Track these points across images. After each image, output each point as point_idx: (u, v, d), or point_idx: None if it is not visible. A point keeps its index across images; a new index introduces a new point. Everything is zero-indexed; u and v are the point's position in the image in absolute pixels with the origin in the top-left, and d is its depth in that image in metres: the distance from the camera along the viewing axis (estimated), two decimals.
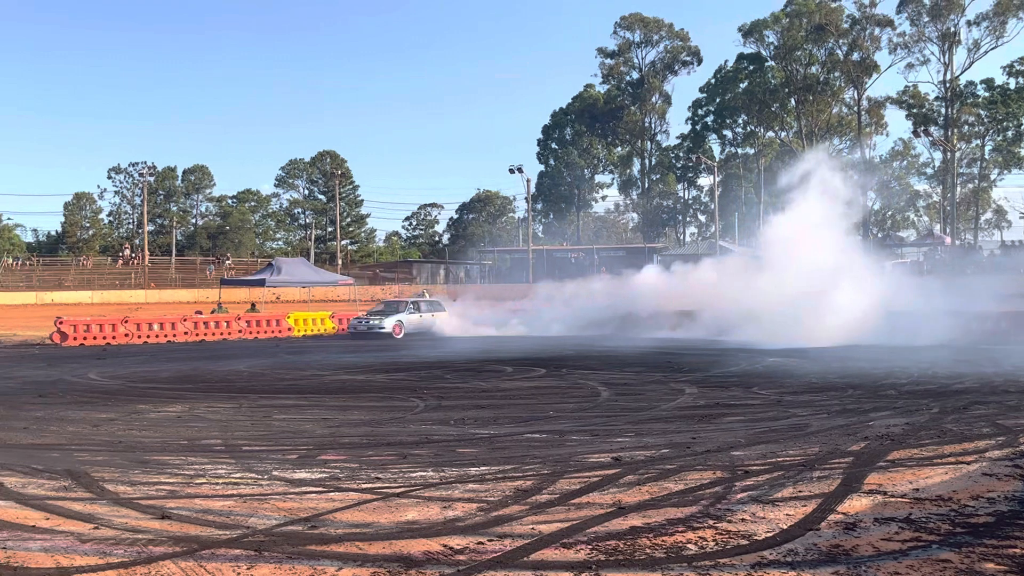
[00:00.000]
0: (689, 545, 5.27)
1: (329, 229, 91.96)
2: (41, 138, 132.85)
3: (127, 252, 74.48)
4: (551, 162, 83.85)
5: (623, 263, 52.40)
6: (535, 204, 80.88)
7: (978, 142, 70.45)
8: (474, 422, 10.52)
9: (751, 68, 74.42)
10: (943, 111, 67.79)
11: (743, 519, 5.85)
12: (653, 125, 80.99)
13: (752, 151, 77.72)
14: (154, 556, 5.15)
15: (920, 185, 76.45)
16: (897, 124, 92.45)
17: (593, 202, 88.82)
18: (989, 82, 67.48)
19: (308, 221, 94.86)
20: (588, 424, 10.31)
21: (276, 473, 7.64)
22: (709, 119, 78.60)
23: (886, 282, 26.12)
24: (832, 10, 68.99)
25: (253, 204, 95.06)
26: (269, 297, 44.31)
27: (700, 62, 78.34)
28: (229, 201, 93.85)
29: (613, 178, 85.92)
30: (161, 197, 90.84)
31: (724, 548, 5.20)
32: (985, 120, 67.95)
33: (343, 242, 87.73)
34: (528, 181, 65.01)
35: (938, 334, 21.36)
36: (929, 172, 74.68)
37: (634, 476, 7.21)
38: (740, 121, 77.67)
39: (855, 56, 69.15)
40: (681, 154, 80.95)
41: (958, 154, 67.80)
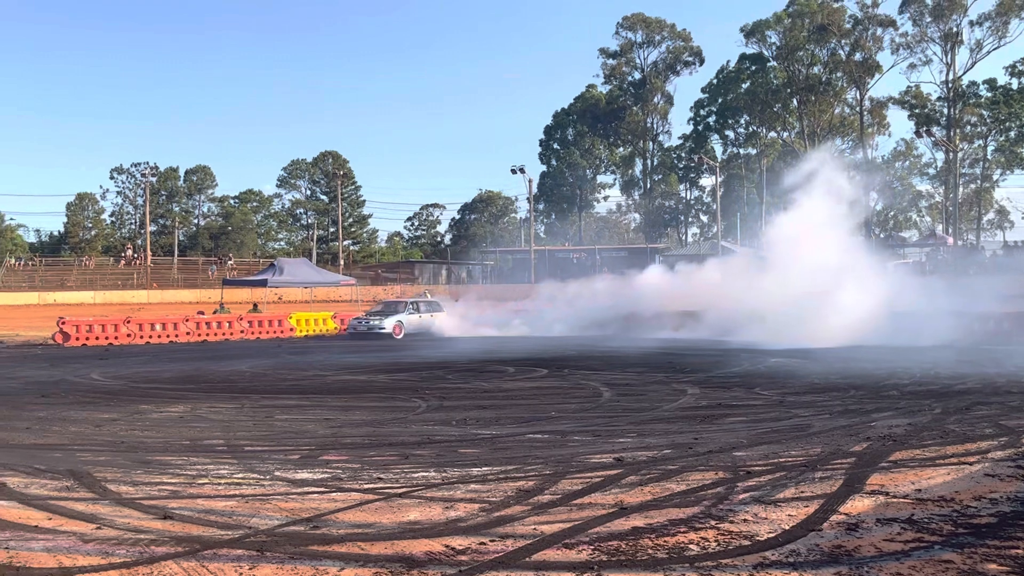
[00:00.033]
0: (691, 546, 5.27)
1: (331, 229, 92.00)
2: (44, 138, 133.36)
3: (129, 252, 74.57)
4: (553, 162, 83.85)
5: (625, 263, 52.43)
6: (537, 204, 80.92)
7: (980, 142, 70.41)
8: (476, 422, 10.52)
9: (753, 68, 74.39)
10: (945, 111, 67.70)
11: (745, 520, 5.85)
12: (655, 125, 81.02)
13: (754, 151, 77.70)
14: (156, 556, 5.16)
15: (922, 185, 76.59)
16: (899, 124, 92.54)
17: (595, 202, 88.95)
18: (991, 82, 67.42)
19: (310, 221, 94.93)
20: (590, 425, 10.31)
21: (278, 473, 7.65)
22: (711, 119, 78.57)
23: (889, 282, 26.05)
24: (834, 10, 68.94)
25: (255, 204, 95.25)
26: (271, 297, 44.33)
27: (702, 62, 78.43)
28: (231, 201, 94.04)
29: (615, 178, 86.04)
30: (163, 197, 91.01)
31: (726, 548, 5.20)
32: (987, 120, 67.89)
33: (345, 242, 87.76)
34: (530, 181, 65.10)
35: (941, 335, 21.32)
36: (931, 172, 74.80)
37: (636, 476, 7.21)
38: (742, 121, 77.63)
39: (857, 56, 69.09)
40: (683, 154, 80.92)
41: (960, 154, 67.73)
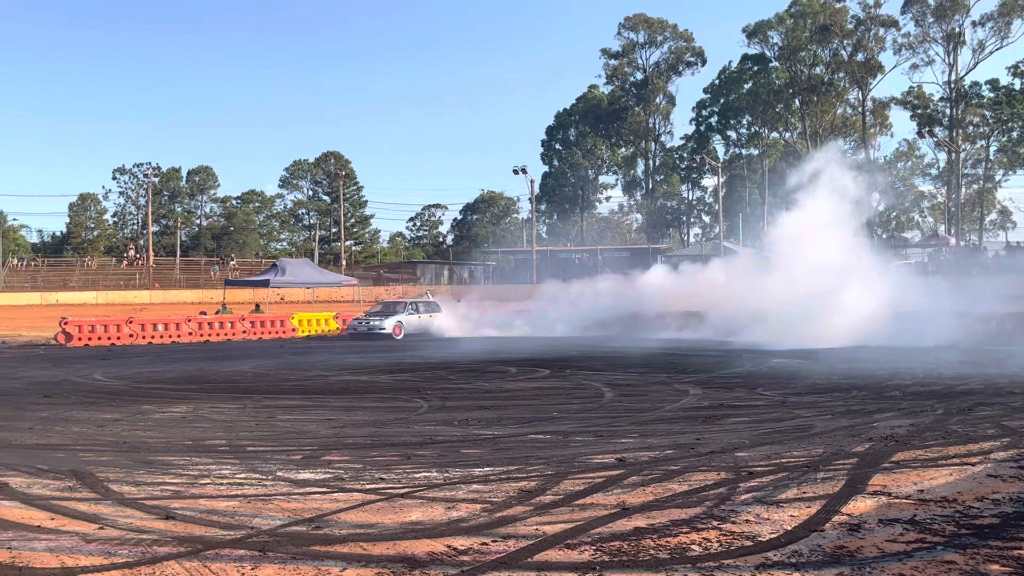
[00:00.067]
0: (693, 546, 5.27)
1: (333, 230, 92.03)
2: (46, 139, 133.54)
3: (132, 253, 74.63)
4: (555, 163, 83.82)
5: (627, 264, 52.38)
6: (539, 205, 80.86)
7: (983, 143, 70.25)
8: (478, 423, 10.52)
9: (755, 69, 74.33)
10: (948, 112, 67.58)
11: (747, 520, 5.84)
12: (657, 126, 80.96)
13: (756, 152, 77.60)
14: (159, 556, 5.16)
15: (925, 186, 76.42)
16: (902, 125, 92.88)
17: (597, 203, 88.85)
18: (994, 83, 67.22)
19: (312, 222, 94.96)
20: (592, 425, 10.31)
21: (280, 474, 7.65)
22: (713, 120, 78.52)
23: (892, 283, 25.99)
24: (836, 11, 68.86)
25: (257, 205, 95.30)
26: (273, 298, 44.34)
27: (704, 63, 78.33)
28: (233, 202, 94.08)
29: (617, 179, 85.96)
30: (166, 198, 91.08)
31: (728, 549, 5.20)
32: (990, 121, 67.73)
33: (347, 243, 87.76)
34: (532, 182, 65.06)
35: (944, 335, 21.30)
36: (934, 173, 74.66)
37: (638, 477, 7.21)
38: (744, 122, 77.56)
39: (859, 57, 68.99)
40: (685, 155, 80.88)
41: (963, 155, 67.63)
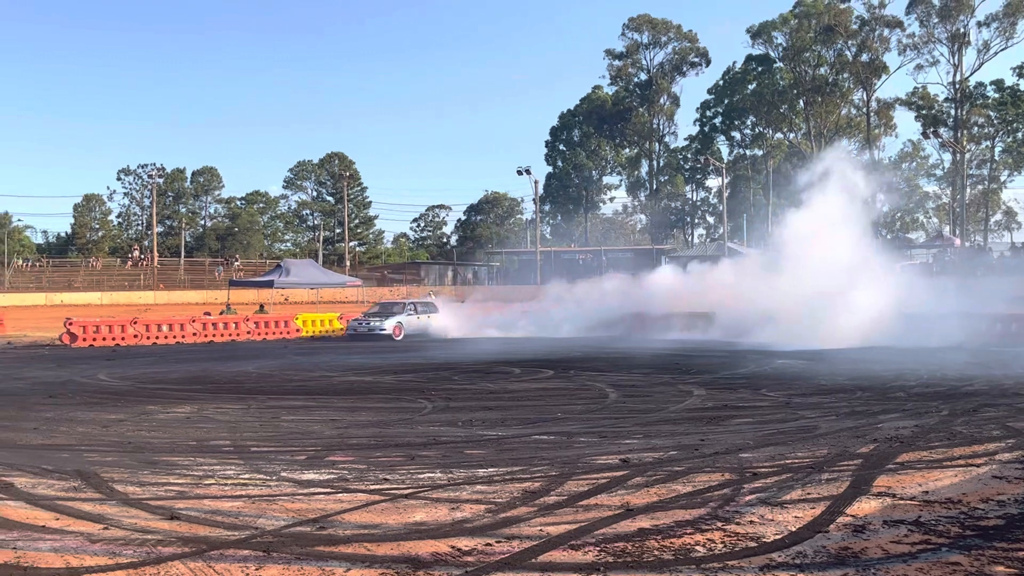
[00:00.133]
0: (697, 547, 5.26)
1: (337, 231, 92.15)
2: (51, 140, 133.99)
3: (136, 253, 74.78)
4: (559, 164, 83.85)
5: (631, 265, 52.36)
6: (543, 206, 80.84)
7: (988, 143, 70.11)
8: (482, 423, 10.52)
9: (759, 69, 74.28)
10: (952, 112, 67.48)
11: (752, 521, 5.83)
12: (661, 126, 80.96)
13: (760, 152, 77.59)
14: (163, 557, 5.17)
15: (929, 186, 76.23)
16: (906, 125, 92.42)
17: (601, 204, 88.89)
18: (999, 83, 67.06)
19: (316, 223, 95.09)
20: (596, 426, 10.30)
21: (284, 474, 7.66)
22: (717, 120, 78.50)
23: (899, 283, 25.92)
24: (841, 11, 68.80)
25: (262, 206, 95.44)
26: (277, 298, 44.40)
27: (708, 63, 78.34)
28: (238, 203, 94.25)
29: (621, 180, 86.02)
30: (170, 199, 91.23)
31: (732, 550, 5.19)
32: (995, 121, 67.58)
33: (351, 243, 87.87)
34: (536, 183, 64.99)
35: (949, 336, 21.26)
36: (938, 173, 74.43)
37: (642, 478, 7.20)
38: (748, 122, 77.53)
39: (864, 57, 68.91)
40: (689, 155, 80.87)
41: (968, 155, 67.51)
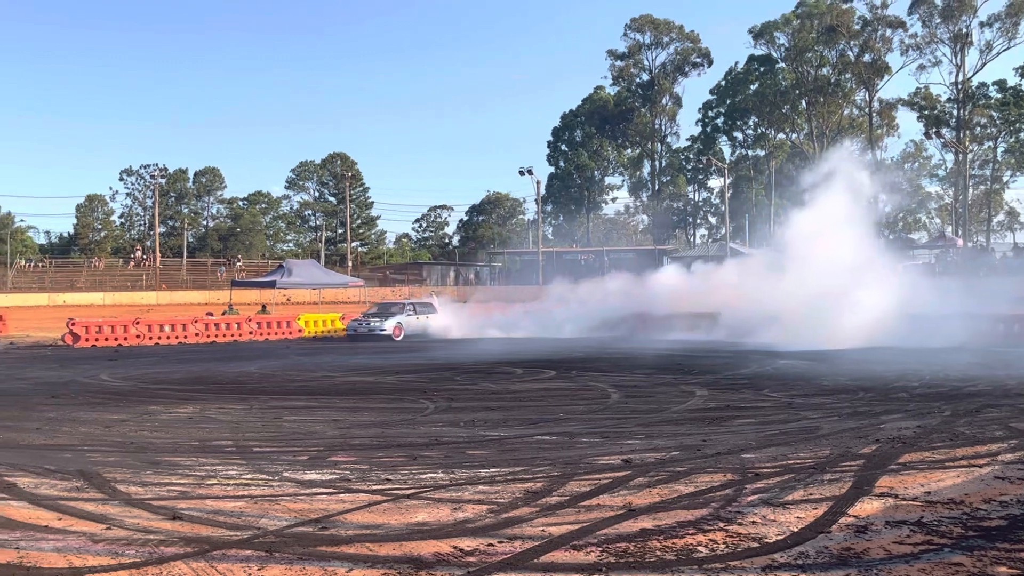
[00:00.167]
0: (699, 547, 5.26)
1: (339, 231, 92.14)
2: (53, 140, 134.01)
3: (139, 254, 74.82)
4: (561, 164, 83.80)
5: (633, 265, 52.32)
6: (545, 206, 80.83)
7: (990, 144, 70.04)
8: (484, 424, 10.52)
9: (762, 70, 74.21)
10: (955, 113, 67.41)
11: (754, 522, 5.83)
12: (663, 127, 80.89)
13: (763, 153, 77.51)
14: (165, 557, 5.18)
15: (932, 187, 76.17)
16: (909, 126, 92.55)
17: (603, 204, 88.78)
18: (1001, 83, 66.97)
19: (318, 223, 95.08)
20: (598, 426, 10.30)
21: (287, 474, 7.67)
22: (719, 121, 78.43)
23: (902, 284, 25.87)
24: (843, 11, 68.73)
25: (264, 206, 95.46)
26: (279, 299, 44.43)
27: (710, 64, 78.19)
28: (240, 203, 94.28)
29: (623, 180, 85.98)
30: (172, 199, 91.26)
31: (735, 551, 5.19)
32: (997, 122, 67.50)
33: (353, 244, 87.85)
34: (538, 183, 64.93)
35: (952, 337, 21.22)
36: (941, 174, 74.39)
37: (644, 478, 7.20)
38: (751, 123, 77.45)
39: (866, 58, 68.84)
40: (691, 156, 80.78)
41: (970, 156, 67.41)
